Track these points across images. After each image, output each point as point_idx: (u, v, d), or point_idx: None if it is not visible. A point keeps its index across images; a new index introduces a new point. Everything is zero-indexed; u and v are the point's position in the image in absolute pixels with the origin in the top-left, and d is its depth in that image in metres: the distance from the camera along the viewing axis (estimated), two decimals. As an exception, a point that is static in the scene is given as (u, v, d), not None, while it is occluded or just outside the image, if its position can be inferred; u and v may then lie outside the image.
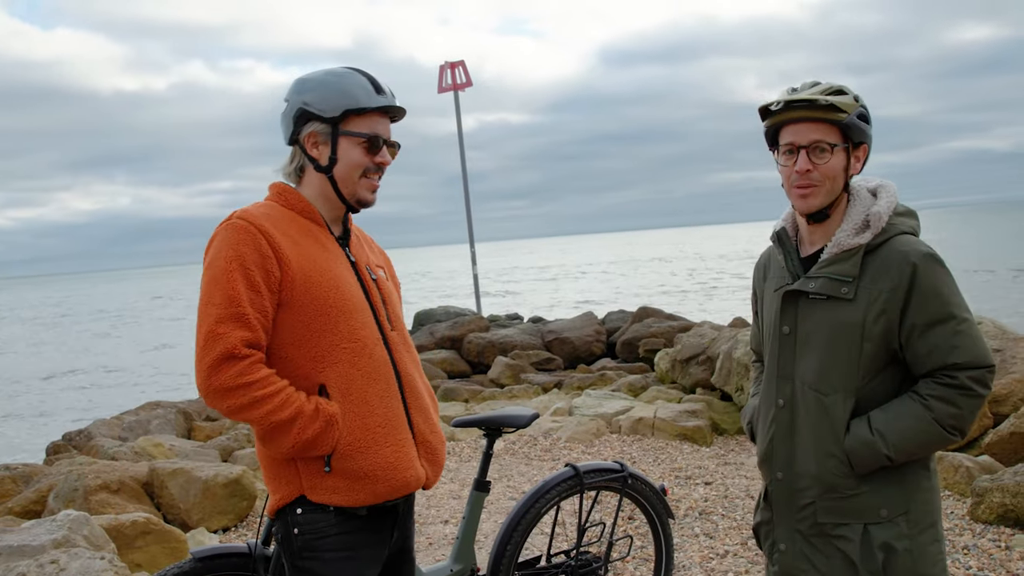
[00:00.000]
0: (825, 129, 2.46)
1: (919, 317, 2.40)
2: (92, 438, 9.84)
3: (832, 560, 2.53)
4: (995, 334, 8.25)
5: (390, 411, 2.63)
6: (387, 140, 2.72)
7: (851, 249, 2.48)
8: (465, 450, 8.90)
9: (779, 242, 2.70)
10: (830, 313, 2.49)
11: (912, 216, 2.57)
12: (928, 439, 2.42)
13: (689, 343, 11.30)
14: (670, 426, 8.89)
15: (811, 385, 2.54)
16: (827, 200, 2.51)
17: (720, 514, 6.24)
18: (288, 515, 2.62)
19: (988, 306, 23.26)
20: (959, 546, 5.22)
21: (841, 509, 2.52)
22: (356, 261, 2.76)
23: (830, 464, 2.51)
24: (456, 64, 20.42)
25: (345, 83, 2.64)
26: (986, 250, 54.90)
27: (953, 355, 2.39)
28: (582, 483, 3.95)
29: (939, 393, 2.40)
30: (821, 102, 2.43)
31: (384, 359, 2.66)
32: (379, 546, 2.73)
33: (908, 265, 2.40)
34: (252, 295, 2.48)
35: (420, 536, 6.21)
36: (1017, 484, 5.44)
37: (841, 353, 2.47)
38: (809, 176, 2.47)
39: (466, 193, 21.03)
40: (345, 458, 2.54)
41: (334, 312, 2.57)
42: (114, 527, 5.40)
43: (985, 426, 7.24)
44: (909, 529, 2.46)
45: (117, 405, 16.62)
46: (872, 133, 2.52)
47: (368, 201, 2.73)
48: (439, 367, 15.33)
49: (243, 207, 2.65)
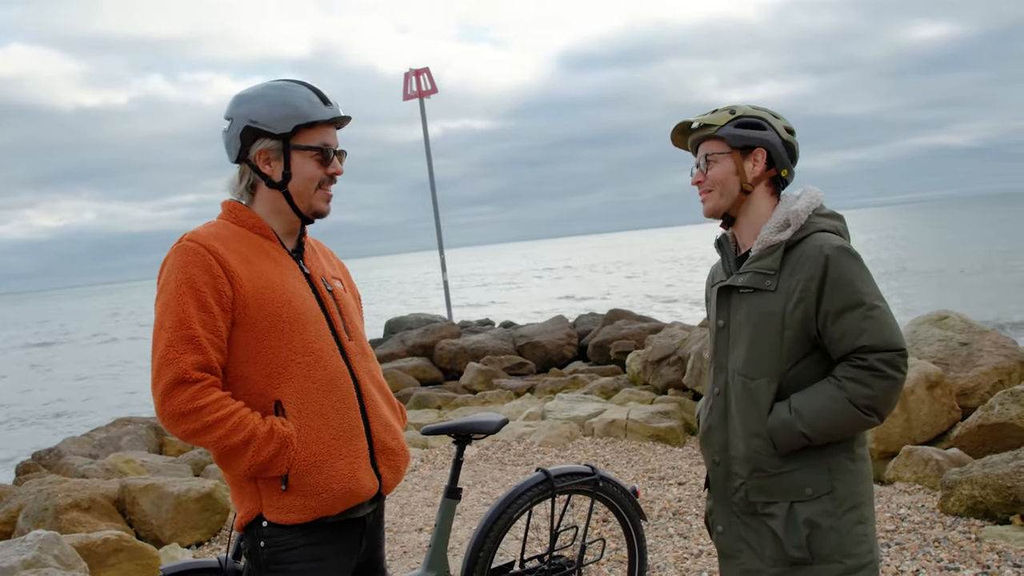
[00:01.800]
0: (710, 144, 2.80)
1: (832, 304, 2.59)
2: (62, 456, 9.75)
3: (762, 537, 2.70)
4: (962, 328, 8.33)
5: (346, 421, 2.63)
6: (336, 150, 2.72)
7: (773, 245, 2.71)
8: (439, 457, 8.89)
9: (719, 246, 2.97)
10: (756, 305, 2.70)
11: (836, 218, 2.79)
12: (843, 419, 2.58)
13: (660, 344, 11.35)
14: (643, 427, 8.93)
15: (740, 372, 2.73)
16: (723, 202, 2.80)
17: (694, 514, 6.26)
18: (255, 529, 2.62)
19: (961, 303, 23.52)
20: (930, 539, 5.27)
21: (769, 488, 2.68)
22: (311, 273, 2.75)
23: (756, 444, 2.69)
24: (421, 71, 20.43)
25: (290, 97, 2.62)
26: (964, 247, 55.47)
27: (863, 338, 2.56)
28: (553, 487, 3.96)
29: (852, 375, 2.57)
30: (694, 125, 2.81)
31: (341, 370, 2.66)
32: (346, 555, 2.72)
33: (822, 256, 2.60)
34: (204, 316, 2.47)
35: (394, 544, 6.20)
36: (986, 476, 5.50)
37: (765, 341, 2.67)
38: (702, 185, 2.82)
39: (434, 200, 21.03)
40: (301, 475, 2.55)
41: (287, 327, 2.57)
42: (85, 545, 5.36)
43: (954, 419, 7.31)
44: (835, 508, 2.62)
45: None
46: (770, 135, 2.76)
47: (324, 212, 2.74)
48: (411, 374, 15.31)
49: (194, 229, 2.64)
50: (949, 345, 8.09)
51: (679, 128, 2.89)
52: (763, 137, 2.75)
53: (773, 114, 2.81)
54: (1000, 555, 4.89)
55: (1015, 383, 7.79)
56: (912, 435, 7.09)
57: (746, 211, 2.81)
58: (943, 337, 8.21)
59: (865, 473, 2.72)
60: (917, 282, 34.24)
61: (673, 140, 2.96)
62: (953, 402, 7.37)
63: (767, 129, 2.76)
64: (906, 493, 6.24)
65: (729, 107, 2.82)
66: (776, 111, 2.83)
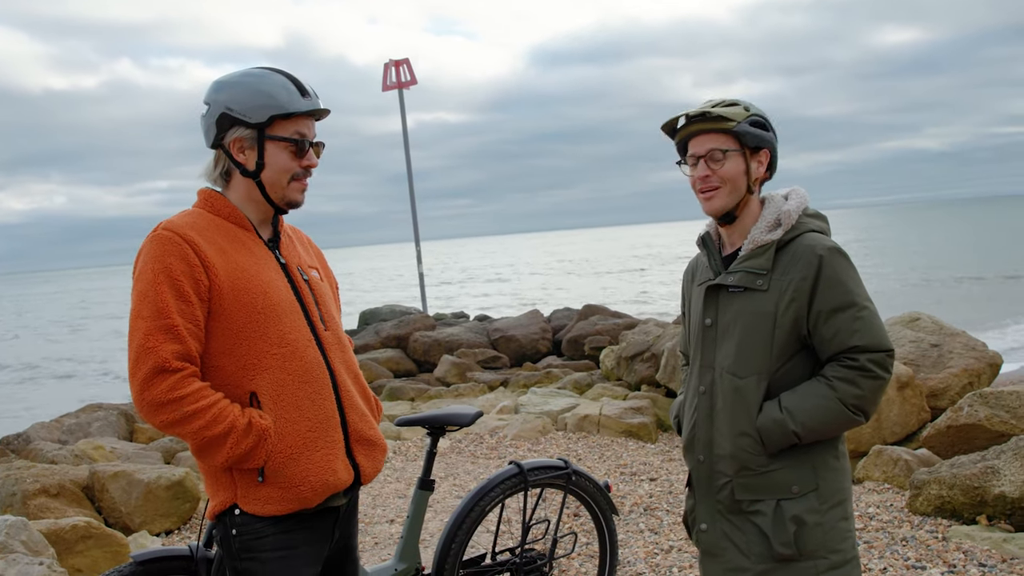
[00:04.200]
0: (719, 138, 2.71)
1: (824, 304, 2.60)
2: (31, 441, 9.65)
3: (748, 535, 2.70)
4: (933, 329, 8.41)
5: (322, 412, 2.62)
6: (313, 142, 2.70)
7: (765, 245, 2.71)
8: (411, 449, 8.88)
9: (703, 244, 2.94)
10: (746, 304, 2.70)
11: (821, 219, 2.80)
12: (833, 418, 2.60)
13: (634, 340, 11.38)
14: (615, 423, 8.96)
15: (728, 370, 2.73)
16: (730, 201, 2.74)
17: (665, 510, 6.29)
18: (227, 517, 2.62)
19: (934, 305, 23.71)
20: (898, 538, 5.32)
21: (755, 486, 2.69)
22: (287, 263, 2.74)
23: (744, 443, 2.69)
24: (400, 62, 20.34)
25: (267, 86, 2.60)
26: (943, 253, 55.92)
27: (854, 338, 2.59)
28: (526, 481, 3.97)
29: (842, 374, 2.60)
30: (712, 114, 2.70)
31: (317, 360, 2.65)
32: (318, 544, 2.72)
33: (815, 257, 2.62)
34: (182, 306, 2.46)
35: (365, 536, 6.20)
36: (954, 476, 5.55)
37: (756, 339, 2.68)
38: (708, 180, 2.73)
39: (411, 193, 20.97)
40: (278, 467, 2.54)
41: (263, 317, 2.56)
42: (53, 532, 5.32)
43: (923, 420, 7.38)
44: (820, 504, 2.65)
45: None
46: (773, 138, 2.75)
47: (298, 202, 2.72)
48: (385, 366, 15.27)
49: (169, 218, 2.62)
50: (920, 346, 8.16)
51: (693, 116, 2.74)
52: (770, 139, 2.75)
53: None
54: (966, 554, 4.94)
55: (984, 385, 7.88)
56: (882, 435, 7.15)
57: (744, 211, 2.78)
58: (914, 338, 8.28)
59: (847, 470, 2.76)
60: (888, 283, 34.47)
61: (665, 127, 2.84)
62: (923, 403, 7.44)
63: (770, 130, 2.76)
64: (875, 492, 6.29)
65: (737, 102, 2.76)
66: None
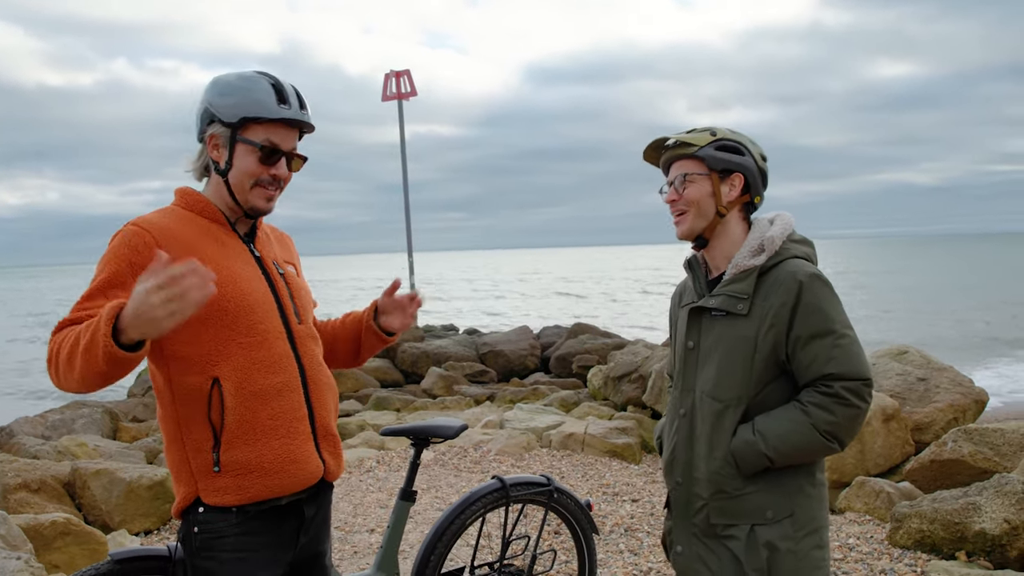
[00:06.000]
0: (687, 164, 2.78)
1: (803, 330, 2.62)
2: (14, 435, 9.63)
3: (722, 560, 2.72)
4: (920, 363, 8.44)
5: (287, 403, 2.62)
6: (289, 152, 2.68)
7: (747, 270, 2.72)
8: (395, 459, 8.87)
9: (690, 267, 2.97)
10: (727, 328, 2.73)
11: (807, 244, 2.82)
12: (806, 443, 2.61)
13: (622, 361, 11.40)
14: (600, 442, 8.95)
15: (708, 393, 2.75)
16: (697, 224, 2.79)
17: (645, 531, 6.29)
18: (191, 514, 2.61)
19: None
20: (876, 570, 5.32)
21: (730, 510, 2.71)
22: (262, 256, 2.75)
23: (718, 465, 2.71)
24: (401, 73, 20.37)
25: (247, 88, 2.62)
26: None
27: (830, 365, 2.60)
28: (508, 496, 3.97)
29: (817, 400, 2.61)
30: (678, 141, 2.79)
31: (287, 353, 2.65)
32: (280, 548, 2.70)
33: (795, 283, 2.63)
34: (117, 292, 2.41)
35: (344, 544, 6.18)
36: (935, 511, 5.56)
37: (735, 364, 2.69)
38: (675, 204, 2.80)
39: (406, 204, 20.97)
40: (232, 450, 2.53)
41: (231, 307, 2.56)
42: (33, 527, 5.30)
43: (907, 453, 7.40)
44: (794, 531, 2.66)
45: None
46: (748, 161, 2.78)
47: (260, 209, 2.70)
48: (372, 375, 15.27)
49: (141, 215, 2.64)
50: (907, 380, 8.19)
51: (654, 144, 2.88)
52: (741, 162, 2.76)
53: (750, 140, 2.82)
54: (944, 589, 4.94)
55: (969, 421, 7.90)
56: (865, 466, 7.16)
57: (719, 234, 2.81)
58: (902, 371, 8.30)
59: (824, 499, 2.76)
60: (872, 314, 34.58)
61: (645, 156, 2.95)
62: (908, 436, 7.46)
63: (745, 155, 2.77)
64: (856, 523, 6.29)
65: (708, 128, 2.81)
66: (751, 137, 2.84)
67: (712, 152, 2.75)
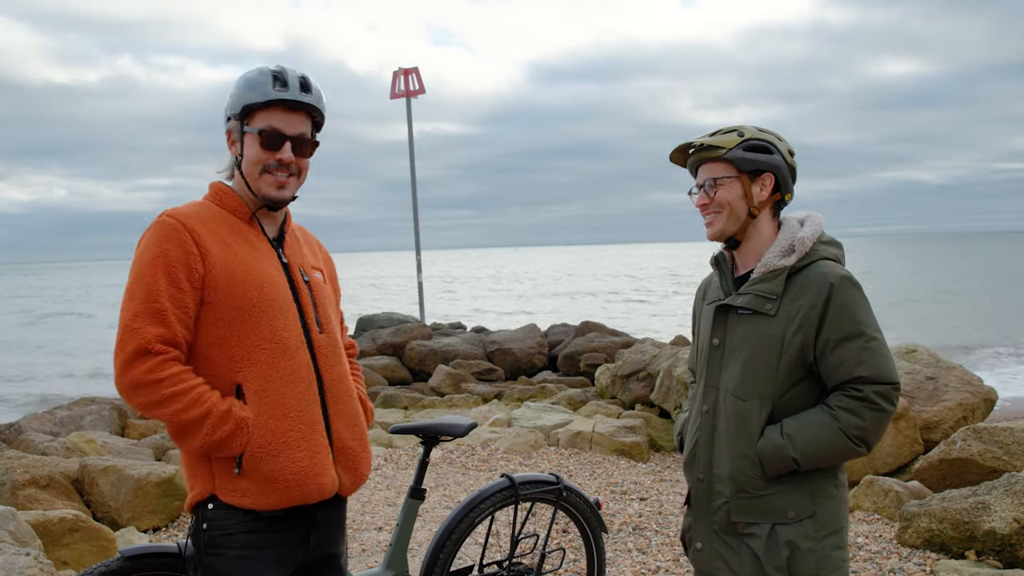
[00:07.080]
0: (716, 166, 2.76)
1: (832, 332, 2.60)
2: (22, 432, 9.64)
3: (742, 557, 2.70)
4: (929, 362, 8.42)
5: (306, 414, 2.63)
6: (295, 136, 2.69)
7: (777, 270, 2.70)
8: (403, 457, 8.87)
9: (716, 264, 2.94)
10: (754, 327, 2.70)
11: (836, 246, 2.79)
12: (833, 447, 2.60)
13: (630, 359, 11.38)
14: (608, 441, 8.95)
15: (732, 392, 2.73)
16: (729, 226, 2.77)
17: (654, 530, 6.28)
18: (201, 510, 2.63)
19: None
20: (886, 569, 5.31)
21: (751, 508, 2.69)
22: (289, 263, 2.76)
23: (743, 465, 2.69)
24: (410, 71, 20.35)
25: (249, 78, 2.67)
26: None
27: (860, 369, 2.58)
28: (517, 494, 3.96)
29: (845, 404, 2.59)
30: (705, 144, 2.76)
31: (306, 362, 2.66)
32: (288, 549, 2.69)
33: (826, 285, 2.61)
34: (173, 291, 2.49)
35: (353, 542, 6.18)
36: (944, 510, 5.55)
37: (761, 363, 2.68)
38: (706, 208, 2.77)
39: (414, 202, 20.97)
40: (256, 460, 2.55)
41: (256, 312, 2.58)
42: (41, 523, 5.31)
43: (916, 452, 7.38)
44: (815, 531, 2.64)
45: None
46: (778, 159, 2.74)
47: (272, 198, 2.71)
48: (380, 373, 15.27)
49: (176, 206, 2.66)
50: (916, 379, 8.17)
51: (681, 147, 2.84)
52: (771, 161, 2.73)
53: (777, 136, 2.78)
54: (953, 589, 4.93)
55: (978, 420, 7.89)
56: (874, 465, 7.15)
57: (750, 235, 2.78)
58: (911, 370, 8.29)
59: (845, 500, 2.75)
60: (877, 311, 34.49)
61: (672, 157, 2.91)
62: (916, 435, 7.44)
63: (774, 153, 2.74)
64: (864, 522, 6.28)
65: (735, 128, 2.78)
66: (778, 133, 2.80)
67: (741, 153, 2.72)
